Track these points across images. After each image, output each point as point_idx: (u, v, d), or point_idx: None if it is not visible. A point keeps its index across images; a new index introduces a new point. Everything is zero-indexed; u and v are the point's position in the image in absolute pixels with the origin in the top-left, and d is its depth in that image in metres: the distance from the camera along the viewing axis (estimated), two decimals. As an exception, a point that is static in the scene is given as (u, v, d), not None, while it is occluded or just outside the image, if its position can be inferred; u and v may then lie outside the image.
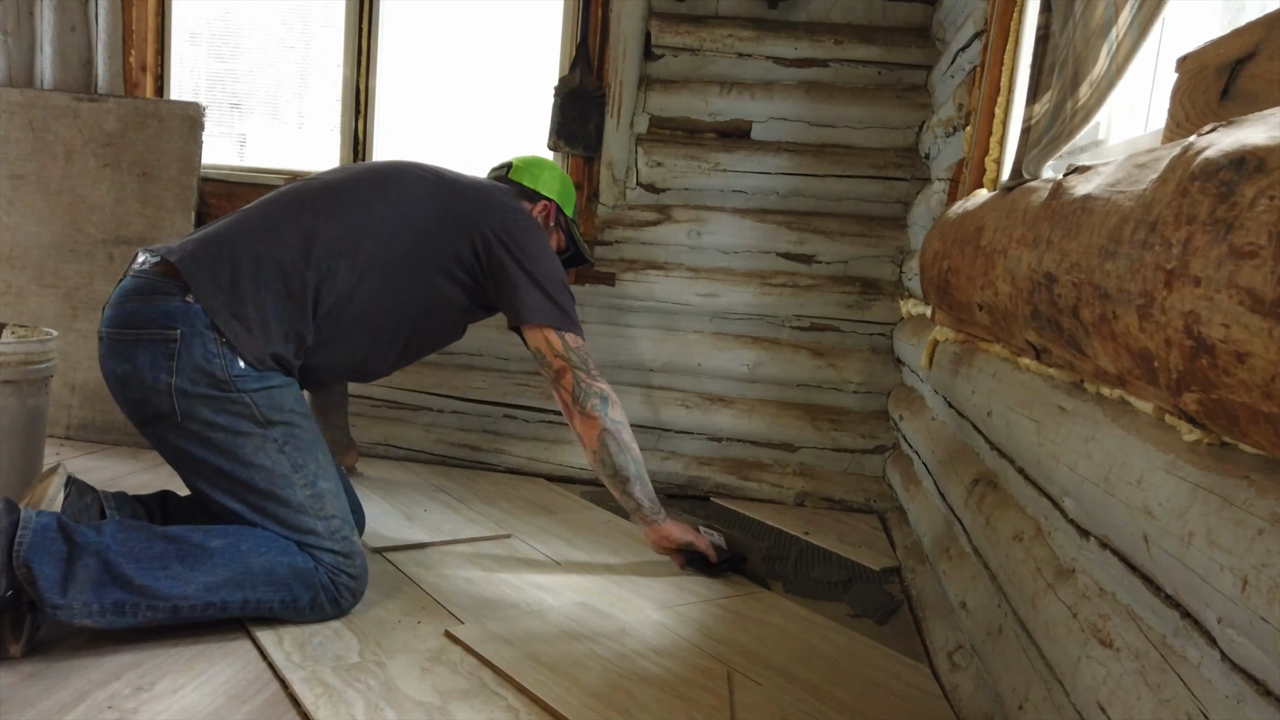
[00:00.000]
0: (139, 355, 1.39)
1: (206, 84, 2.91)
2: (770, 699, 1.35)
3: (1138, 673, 0.81)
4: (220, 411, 1.40)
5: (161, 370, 1.38)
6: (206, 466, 1.42)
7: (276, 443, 1.44)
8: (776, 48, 2.52)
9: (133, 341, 1.40)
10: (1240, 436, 0.65)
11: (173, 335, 1.39)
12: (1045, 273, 0.96)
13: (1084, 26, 1.17)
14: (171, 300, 1.41)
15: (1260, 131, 0.61)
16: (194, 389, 1.39)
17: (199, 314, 1.40)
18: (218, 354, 1.40)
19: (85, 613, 1.26)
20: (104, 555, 1.27)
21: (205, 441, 1.41)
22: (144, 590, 1.29)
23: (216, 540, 1.37)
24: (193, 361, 1.38)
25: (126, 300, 1.43)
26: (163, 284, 1.42)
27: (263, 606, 1.40)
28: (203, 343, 1.39)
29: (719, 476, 2.53)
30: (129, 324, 1.41)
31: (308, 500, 1.45)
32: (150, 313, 1.40)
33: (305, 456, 1.46)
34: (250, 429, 1.41)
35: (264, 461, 1.42)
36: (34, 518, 1.27)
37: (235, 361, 1.41)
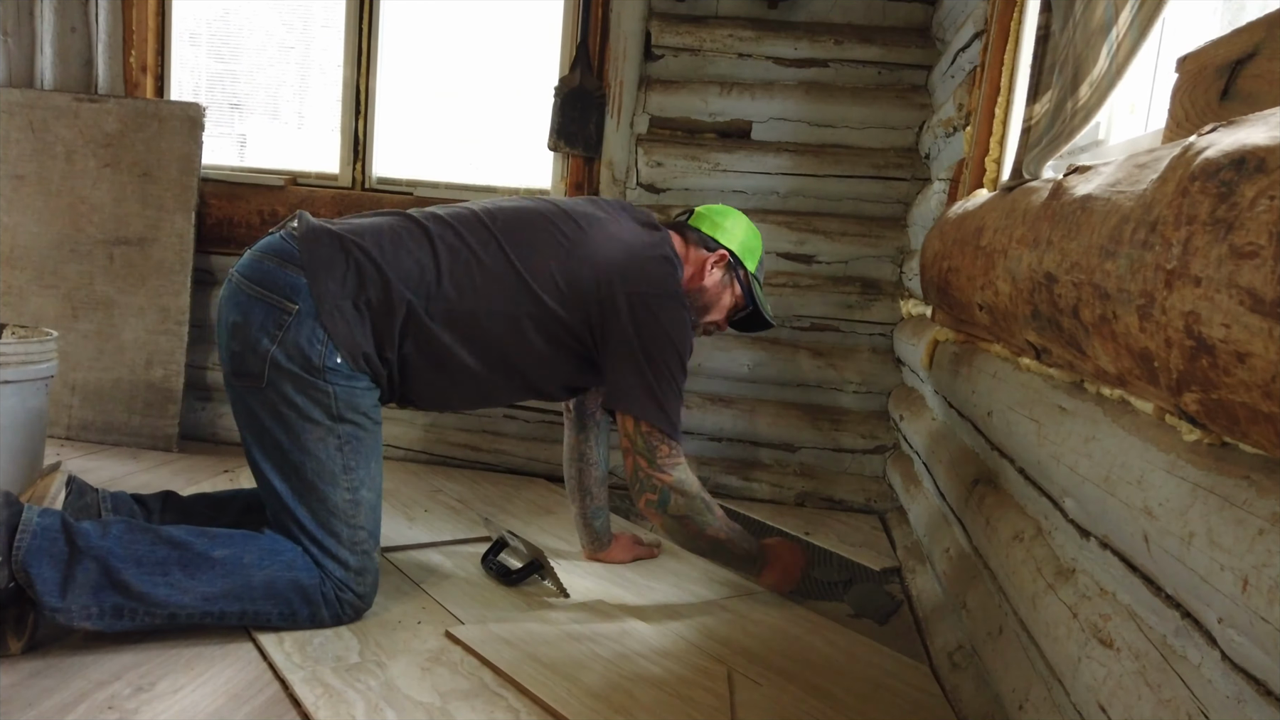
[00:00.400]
0: (254, 312, 1.41)
1: (206, 84, 2.91)
2: (770, 699, 1.35)
3: (1138, 673, 0.81)
4: (301, 392, 1.41)
5: (266, 335, 1.40)
6: (267, 437, 1.43)
7: (339, 439, 1.44)
8: (776, 48, 2.52)
9: (255, 298, 1.42)
10: (1240, 436, 0.65)
11: (291, 308, 1.41)
12: (1045, 273, 0.96)
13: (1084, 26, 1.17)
14: (303, 275, 1.43)
15: (1260, 131, 0.61)
16: (288, 364, 1.40)
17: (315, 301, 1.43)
18: (322, 341, 1.42)
19: (84, 615, 1.26)
20: (105, 559, 1.27)
21: (276, 415, 1.42)
22: (142, 597, 1.29)
23: (220, 550, 1.37)
24: (297, 340, 1.40)
25: (266, 257, 1.45)
26: (301, 253, 1.45)
27: (260, 618, 1.40)
28: (313, 326, 1.41)
29: (719, 476, 2.53)
30: (257, 280, 1.43)
31: (344, 504, 1.45)
32: (280, 279, 1.42)
33: (359, 461, 1.47)
34: (320, 418, 1.43)
35: (319, 453, 1.43)
36: (36, 518, 1.26)
37: (334, 354, 1.43)
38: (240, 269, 1.46)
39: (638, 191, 2.60)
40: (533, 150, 2.69)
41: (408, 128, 2.80)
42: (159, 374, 2.52)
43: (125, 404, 2.52)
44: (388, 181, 2.76)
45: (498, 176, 2.76)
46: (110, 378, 2.53)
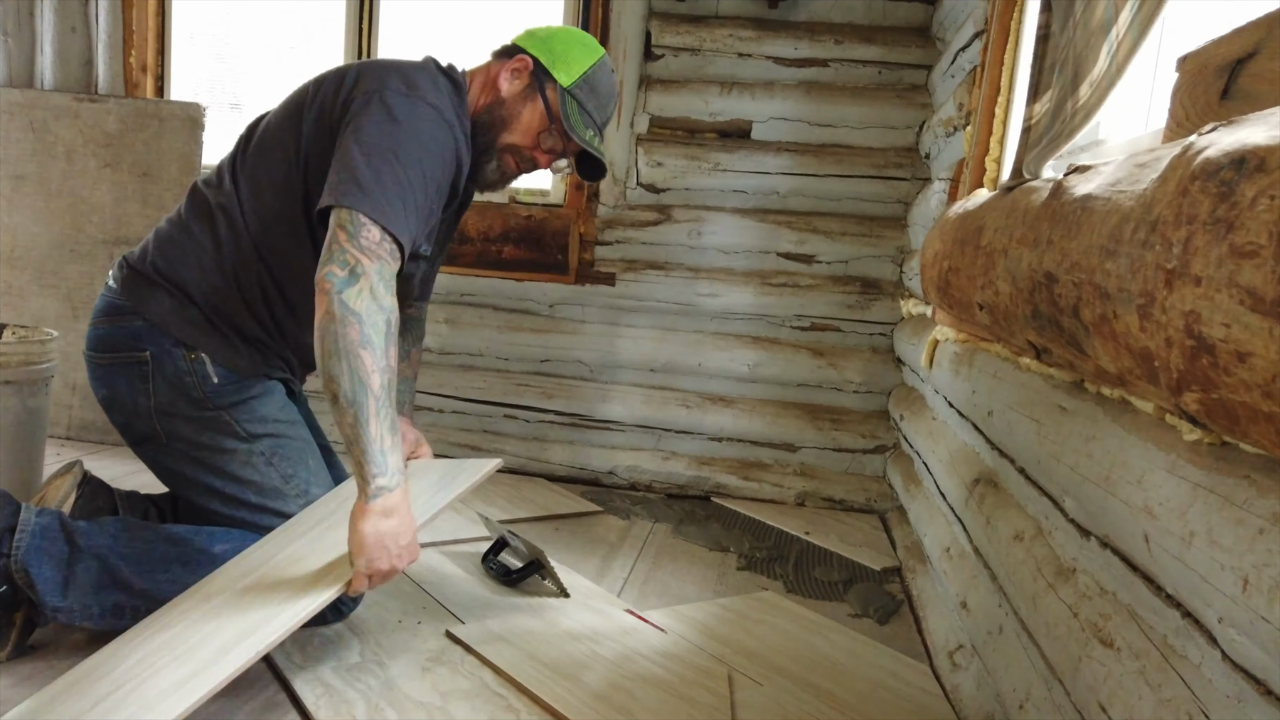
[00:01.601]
0: (117, 380, 1.36)
1: (207, 84, 2.91)
2: (771, 699, 1.35)
3: (1138, 672, 0.81)
4: (203, 430, 1.36)
5: (140, 394, 1.35)
6: (199, 485, 1.39)
7: (264, 456, 1.39)
8: (777, 47, 2.52)
9: (108, 366, 1.37)
10: (1241, 436, 0.65)
11: (143, 357, 1.34)
12: (1046, 272, 0.96)
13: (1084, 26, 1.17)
14: (135, 320, 1.35)
15: (1260, 131, 0.61)
16: (173, 409, 1.35)
17: (162, 334, 1.35)
18: (189, 371, 1.35)
19: (85, 615, 1.26)
20: (105, 557, 1.26)
21: (193, 461, 1.38)
22: (144, 594, 1.28)
23: (220, 545, 1.35)
24: (166, 382, 1.34)
25: (98, 321, 1.39)
26: (124, 303, 1.37)
27: None
28: (172, 361, 1.34)
29: (720, 476, 2.53)
30: (102, 347, 1.38)
31: (301, 510, 1.42)
32: (119, 335, 1.36)
33: (295, 466, 1.42)
34: (234, 445, 1.37)
35: (253, 476, 1.38)
36: (34, 519, 1.26)
37: (209, 377, 1.36)
38: (86, 345, 1.40)
39: (638, 191, 2.60)
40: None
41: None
42: (159, 374, 2.52)
43: (125, 404, 2.52)
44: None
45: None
46: (110, 378, 2.53)
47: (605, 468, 2.56)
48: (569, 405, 2.60)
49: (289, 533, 1.33)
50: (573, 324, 2.62)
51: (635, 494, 2.52)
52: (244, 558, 1.30)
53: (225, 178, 1.41)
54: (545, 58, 1.44)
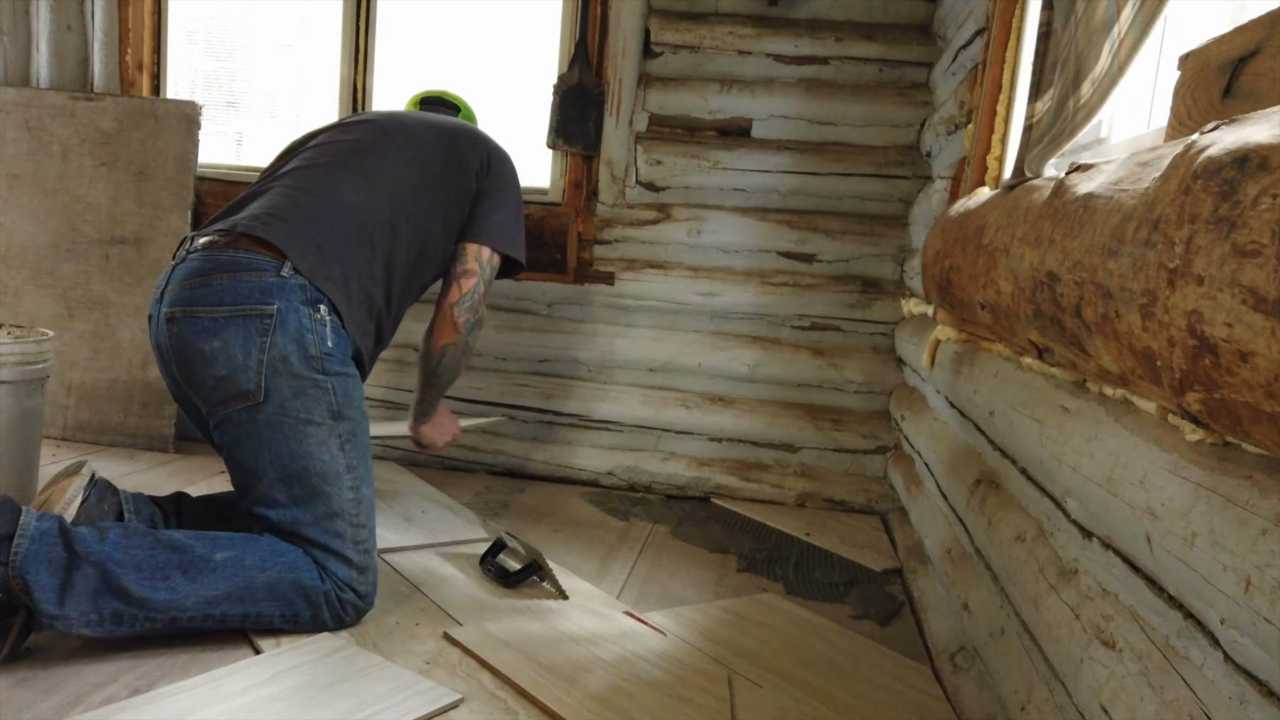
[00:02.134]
0: (231, 331, 1.38)
1: (203, 83, 2.90)
2: (771, 701, 1.34)
3: (1140, 674, 0.81)
4: (300, 395, 1.40)
5: (254, 346, 1.38)
6: (267, 452, 1.41)
7: (340, 439, 1.44)
8: (777, 45, 2.52)
9: (225, 318, 1.38)
10: (1243, 436, 0.64)
11: (270, 311, 1.39)
12: (1048, 271, 0.95)
13: (1086, 24, 1.16)
14: (265, 276, 1.40)
15: (1263, 129, 0.60)
16: (283, 366, 1.39)
17: (295, 289, 1.41)
18: (311, 329, 1.41)
19: (83, 622, 1.25)
20: (103, 565, 1.25)
21: (275, 427, 1.40)
22: (142, 602, 1.28)
23: (221, 552, 1.35)
24: (287, 337, 1.39)
25: (211, 278, 1.41)
26: (251, 259, 1.42)
27: (263, 620, 1.38)
28: (298, 318, 1.40)
29: (719, 477, 2.53)
30: (220, 300, 1.39)
31: (348, 504, 1.44)
32: (244, 289, 1.39)
33: (360, 459, 1.47)
34: (322, 419, 1.42)
35: (323, 454, 1.42)
36: (34, 524, 1.25)
37: (326, 340, 1.43)
38: (183, 302, 1.41)
39: (637, 189, 2.60)
40: (531, 148, 2.68)
41: (406, 126, 2.79)
42: (155, 374, 2.51)
43: (121, 404, 2.51)
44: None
45: (496, 175, 2.75)
46: (106, 378, 2.52)
47: (604, 468, 2.56)
48: (568, 405, 2.59)
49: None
50: (571, 324, 2.62)
51: (634, 495, 2.52)
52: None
53: (380, 166, 1.65)
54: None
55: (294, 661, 1.30)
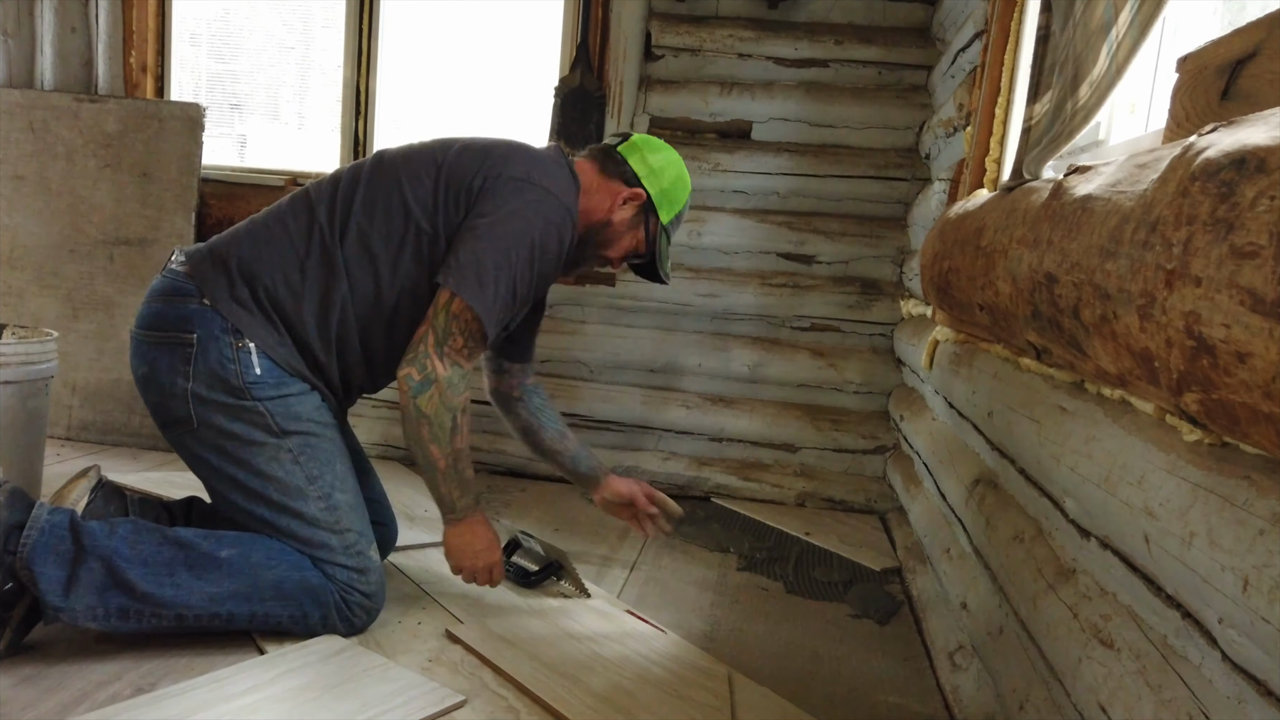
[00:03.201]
0: (159, 358, 1.38)
1: (207, 85, 2.91)
2: (770, 700, 1.35)
3: (1138, 673, 0.81)
4: (235, 420, 1.38)
5: (178, 375, 1.37)
6: (222, 475, 1.40)
7: (291, 453, 1.40)
8: (777, 48, 2.52)
9: (154, 344, 1.39)
10: (1241, 437, 0.65)
11: (190, 340, 1.37)
12: (1046, 273, 0.96)
13: (1084, 26, 1.17)
14: (190, 303, 1.39)
15: (1261, 131, 0.61)
16: (209, 395, 1.37)
17: (215, 316, 1.38)
18: (233, 359, 1.38)
19: (89, 616, 1.25)
20: (109, 559, 1.26)
21: (220, 450, 1.39)
22: (147, 598, 1.28)
23: (227, 550, 1.35)
24: (208, 367, 1.37)
25: (152, 300, 1.43)
26: (185, 285, 1.41)
27: (271, 621, 1.37)
28: (218, 348, 1.37)
29: (719, 477, 2.53)
30: (151, 325, 1.40)
31: (322, 513, 1.41)
32: (171, 315, 1.39)
33: (322, 468, 1.42)
34: (264, 439, 1.39)
35: (277, 473, 1.39)
36: (45, 516, 1.26)
37: (251, 368, 1.38)
38: (135, 323, 1.43)
39: (638, 192, 2.60)
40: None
41: (408, 127, 2.80)
42: (159, 374, 2.52)
43: (125, 404, 2.52)
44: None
45: (498, 177, 2.75)
46: (110, 378, 2.53)
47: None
48: (569, 406, 2.60)
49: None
50: (572, 324, 2.62)
51: (635, 494, 2.52)
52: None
53: (336, 196, 1.48)
54: (655, 192, 1.58)
55: (298, 662, 1.31)
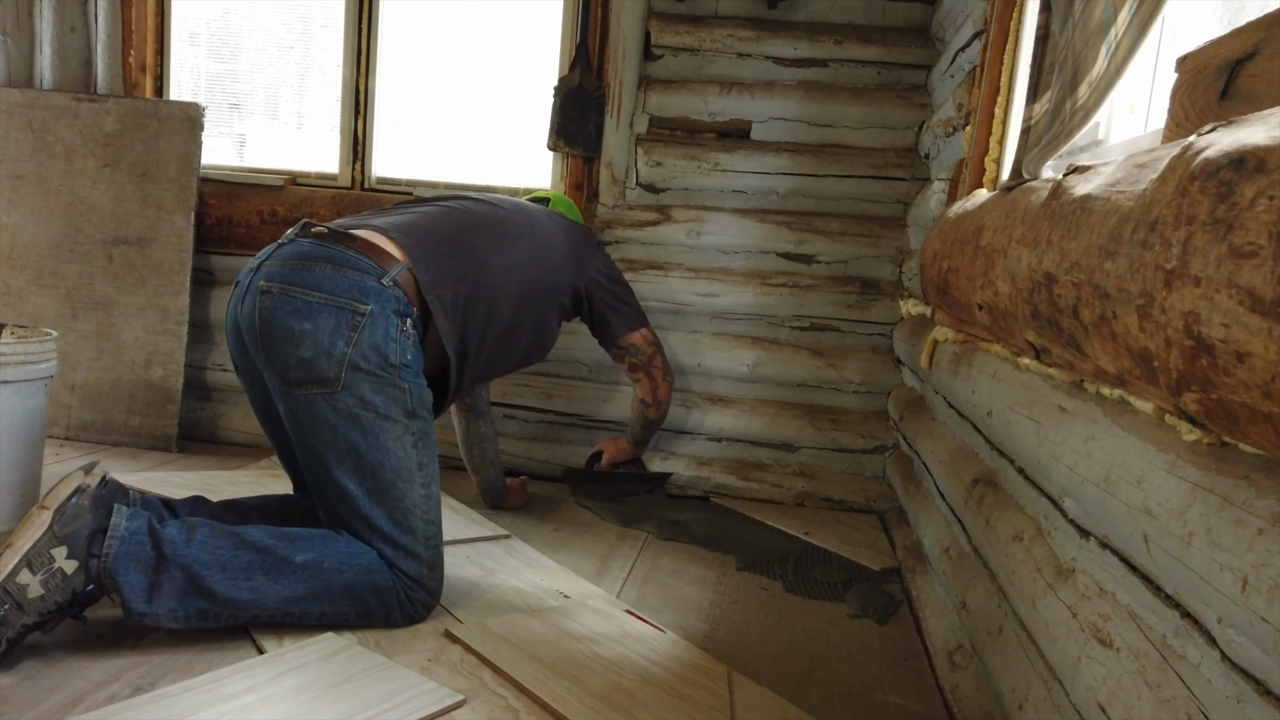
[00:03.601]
0: (323, 317, 1.41)
1: (206, 84, 2.91)
2: (770, 699, 1.35)
3: (1138, 673, 0.81)
4: (379, 392, 1.43)
5: (341, 338, 1.41)
6: (343, 443, 1.43)
7: (414, 436, 1.47)
8: (776, 48, 2.52)
9: (319, 304, 1.42)
10: (1240, 436, 0.65)
11: (363, 310, 1.42)
12: (1045, 273, 0.96)
13: (1083, 26, 1.17)
14: (367, 278, 1.45)
15: (1260, 131, 0.61)
16: (365, 364, 1.42)
17: (391, 298, 1.45)
18: (397, 339, 1.45)
19: (170, 619, 1.31)
20: (190, 567, 1.31)
21: (352, 418, 1.42)
22: (227, 602, 1.34)
23: (302, 555, 1.39)
24: (373, 339, 1.42)
25: (315, 264, 1.45)
26: (358, 260, 1.46)
27: (339, 618, 1.43)
28: (386, 326, 1.44)
29: (719, 476, 2.53)
30: (318, 287, 1.43)
31: (420, 500, 1.48)
32: (343, 283, 1.43)
33: (429, 457, 1.50)
34: (398, 416, 1.45)
35: (398, 451, 1.45)
36: (125, 523, 1.29)
37: (407, 351, 1.46)
38: (281, 278, 1.44)
39: (637, 191, 2.60)
40: (532, 150, 2.69)
41: (407, 127, 2.80)
42: (158, 374, 2.52)
43: (125, 404, 2.52)
44: (387, 181, 2.76)
45: (497, 176, 2.76)
46: (110, 378, 2.53)
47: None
48: (569, 405, 2.60)
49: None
50: (571, 325, 2.62)
51: (635, 494, 2.52)
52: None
53: (495, 232, 1.74)
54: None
55: (297, 661, 1.31)
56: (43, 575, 1.23)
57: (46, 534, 1.24)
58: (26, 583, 1.22)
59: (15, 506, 1.73)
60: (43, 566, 1.23)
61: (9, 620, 1.22)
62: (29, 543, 1.23)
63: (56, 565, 1.24)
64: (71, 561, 1.25)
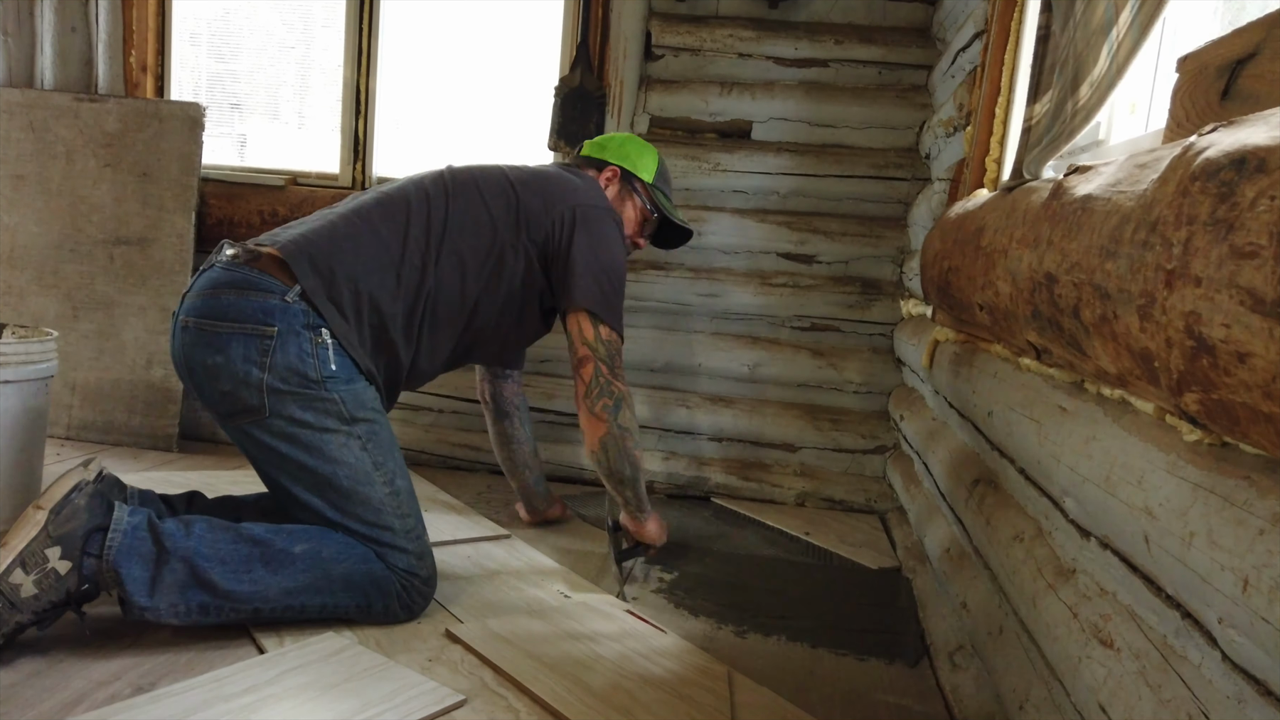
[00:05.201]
0: (233, 348, 1.39)
1: (207, 84, 2.91)
2: (771, 699, 1.35)
3: (1138, 673, 0.81)
4: (308, 408, 1.42)
5: (254, 365, 1.39)
6: (290, 463, 1.43)
7: (359, 440, 1.46)
8: (777, 48, 2.52)
9: (227, 334, 1.40)
10: (1241, 437, 0.65)
11: (270, 332, 1.40)
12: (1046, 273, 0.96)
13: (1084, 26, 1.17)
14: (270, 298, 1.42)
15: (1261, 131, 0.61)
16: (285, 386, 1.40)
17: (297, 313, 1.42)
18: (312, 354, 1.42)
19: (171, 613, 1.31)
20: (191, 560, 1.31)
21: (290, 438, 1.42)
22: (228, 595, 1.34)
23: (299, 546, 1.40)
24: (286, 360, 1.40)
25: (221, 292, 1.43)
26: (260, 280, 1.43)
27: (339, 611, 1.44)
28: (298, 342, 1.41)
29: (719, 476, 2.53)
30: (224, 316, 1.41)
31: (387, 498, 1.47)
32: (248, 307, 1.41)
33: (385, 455, 1.49)
34: (336, 425, 1.44)
35: (347, 458, 1.44)
36: (125, 518, 1.30)
37: (328, 363, 1.44)
38: (196, 313, 1.43)
39: (638, 191, 2.60)
40: (533, 150, 2.69)
41: (408, 127, 2.80)
42: (159, 374, 2.52)
43: (125, 404, 2.52)
44: (388, 181, 2.76)
45: (498, 176, 2.75)
46: (110, 378, 2.53)
47: (605, 468, 2.56)
48: (569, 405, 2.60)
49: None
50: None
51: (635, 494, 2.52)
52: None
53: (427, 207, 1.61)
54: (626, 164, 1.86)
55: (298, 661, 1.31)
56: (36, 575, 1.23)
57: (41, 534, 1.25)
58: (19, 582, 1.23)
59: (15, 506, 1.73)
60: (36, 566, 1.23)
61: (2, 618, 1.22)
62: (23, 542, 1.24)
63: (50, 565, 1.24)
64: (65, 562, 1.25)
